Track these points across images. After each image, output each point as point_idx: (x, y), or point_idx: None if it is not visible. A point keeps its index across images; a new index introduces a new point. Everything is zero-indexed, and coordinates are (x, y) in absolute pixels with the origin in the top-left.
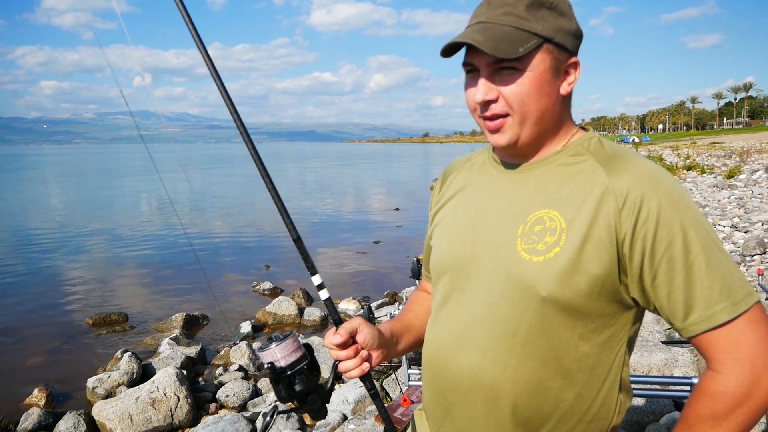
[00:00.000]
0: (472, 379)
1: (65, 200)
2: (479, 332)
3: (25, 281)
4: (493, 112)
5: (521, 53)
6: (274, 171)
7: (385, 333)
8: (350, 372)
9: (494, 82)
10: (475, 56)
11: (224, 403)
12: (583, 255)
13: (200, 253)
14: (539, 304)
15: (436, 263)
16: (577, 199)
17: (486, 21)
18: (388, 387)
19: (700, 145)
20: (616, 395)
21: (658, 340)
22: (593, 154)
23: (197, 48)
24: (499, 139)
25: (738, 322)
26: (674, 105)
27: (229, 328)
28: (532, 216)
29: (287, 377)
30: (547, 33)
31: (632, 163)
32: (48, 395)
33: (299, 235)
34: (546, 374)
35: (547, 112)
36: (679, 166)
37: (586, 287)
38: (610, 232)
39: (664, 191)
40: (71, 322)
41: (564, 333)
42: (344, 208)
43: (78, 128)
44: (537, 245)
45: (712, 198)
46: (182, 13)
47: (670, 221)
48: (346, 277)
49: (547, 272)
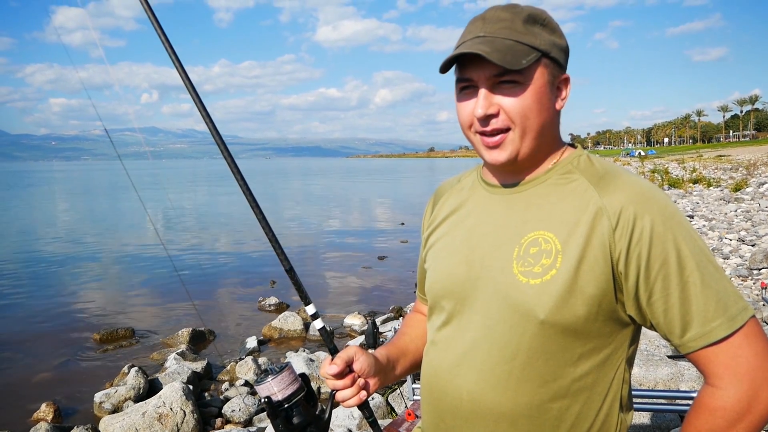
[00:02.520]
0: (471, 402)
1: (73, 216)
2: (478, 355)
3: (33, 297)
4: (494, 127)
5: (524, 65)
6: (282, 187)
7: (381, 359)
8: (348, 401)
9: (494, 96)
10: (474, 70)
11: (230, 418)
12: (580, 276)
13: (206, 269)
14: (538, 327)
15: (432, 287)
16: (570, 220)
17: (485, 35)
18: (393, 402)
19: (707, 158)
20: (617, 413)
21: (664, 354)
22: (583, 173)
23: (172, 62)
24: (498, 155)
25: (735, 338)
26: (680, 118)
27: (235, 343)
28: (526, 238)
29: (285, 410)
30: (543, 47)
31: (623, 181)
32: (56, 410)
33: (291, 266)
34: (546, 395)
35: (546, 127)
36: (685, 179)
37: (583, 308)
38: (605, 251)
39: (656, 209)
40: (78, 338)
41: (563, 354)
42: (350, 223)
43: (86, 145)
44: (533, 268)
45: (718, 211)
46: (154, 26)
47: (663, 239)
48: (352, 292)
49: (545, 295)
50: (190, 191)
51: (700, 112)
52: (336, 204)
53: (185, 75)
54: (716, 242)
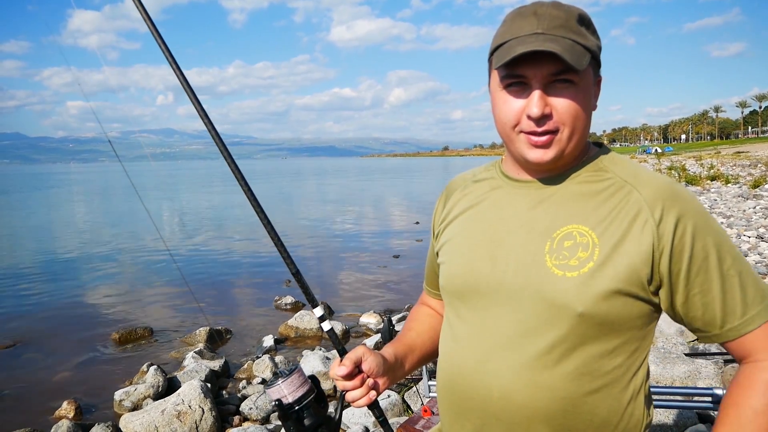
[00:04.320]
0: (503, 399)
1: (91, 217)
2: (509, 351)
3: (54, 297)
4: (546, 128)
5: (584, 66)
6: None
7: (389, 358)
8: (358, 401)
9: (548, 96)
10: (530, 68)
11: (248, 415)
12: (619, 270)
13: (222, 269)
14: (575, 320)
15: (452, 282)
16: (608, 215)
17: (543, 32)
18: (410, 400)
19: (724, 154)
20: (643, 407)
21: (682, 352)
22: (616, 171)
23: (168, 64)
24: (544, 155)
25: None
26: (697, 114)
27: (252, 341)
28: (559, 231)
29: (296, 412)
30: (593, 49)
31: (654, 178)
32: (77, 408)
33: (298, 269)
34: (581, 390)
35: (587, 127)
36: (702, 176)
37: (621, 301)
38: (647, 247)
39: (694, 209)
40: (98, 337)
41: (598, 347)
42: (364, 222)
43: (103, 147)
44: (569, 261)
45: (736, 208)
46: (148, 24)
47: (704, 237)
48: (367, 291)
49: (583, 288)
50: (206, 192)
51: (717, 108)
52: (351, 203)
53: (183, 77)
54: (735, 239)
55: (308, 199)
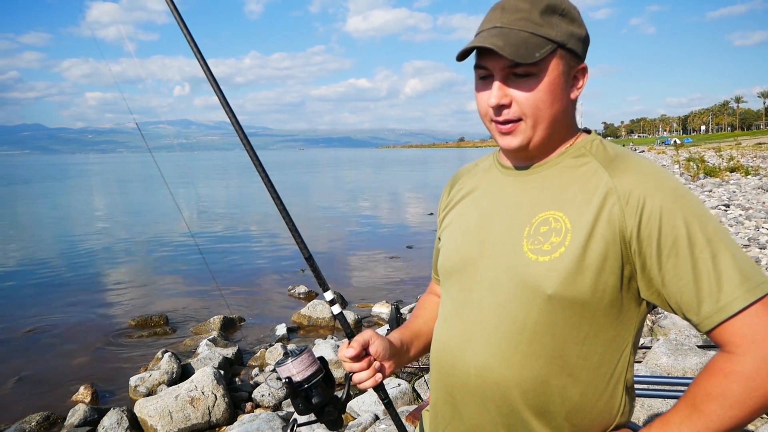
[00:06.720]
0: (479, 376)
1: (109, 207)
2: (486, 330)
3: (72, 285)
4: (506, 118)
5: (537, 58)
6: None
7: (396, 343)
8: (364, 383)
9: (508, 87)
10: (490, 60)
11: (260, 402)
12: (588, 254)
13: (237, 259)
14: (545, 303)
15: (444, 264)
16: (581, 200)
17: (502, 26)
18: (420, 389)
19: (745, 146)
20: (620, 395)
21: (694, 344)
22: (595, 156)
23: (193, 54)
24: (510, 141)
25: (753, 308)
26: (717, 105)
27: (265, 330)
28: (537, 217)
29: (304, 390)
30: (560, 39)
31: (634, 163)
32: (93, 392)
33: (311, 254)
34: (551, 371)
35: (558, 117)
36: (722, 167)
37: (590, 286)
38: (614, 231)
39: (666, 189)
40: (115, 324)
41: (569, 331)
42: (378, 212)
43: (121, 137)
44: (543, 245)
45: (756, 200)
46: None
47: (673, 217)
48: (380, 282)
49: (553, 272)
50: (221, 182)
51: (739, 98)
52: (365, 194)
53: (207, 68)
54: (753, 232)
55: (323, 189)
